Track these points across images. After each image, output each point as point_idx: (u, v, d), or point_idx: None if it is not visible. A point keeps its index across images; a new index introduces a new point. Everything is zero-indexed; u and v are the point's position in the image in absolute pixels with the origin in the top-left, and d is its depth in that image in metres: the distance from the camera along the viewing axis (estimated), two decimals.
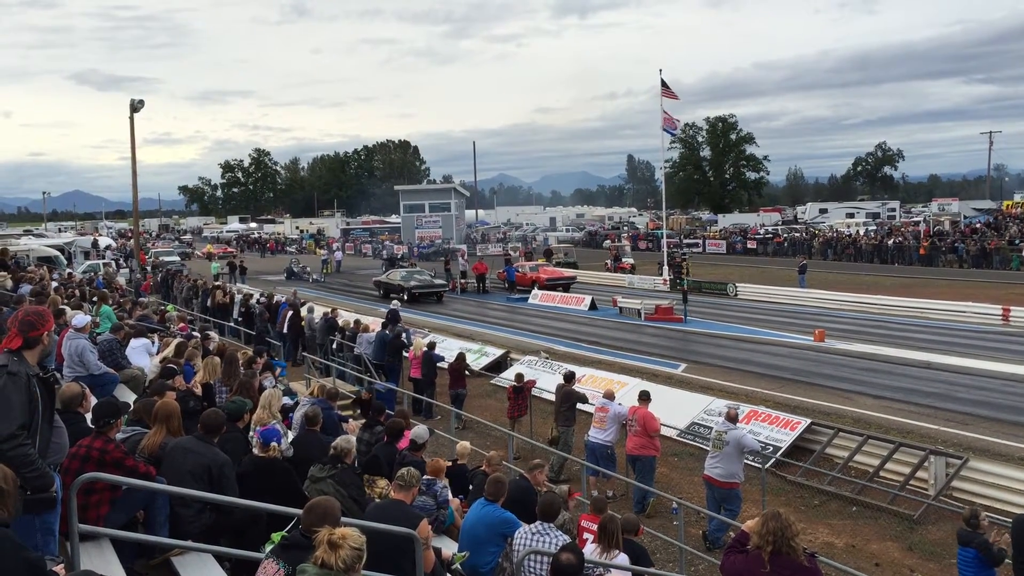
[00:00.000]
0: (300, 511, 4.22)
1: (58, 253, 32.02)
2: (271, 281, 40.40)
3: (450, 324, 25.79)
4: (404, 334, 18.01)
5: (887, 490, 11.15)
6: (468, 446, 9.23)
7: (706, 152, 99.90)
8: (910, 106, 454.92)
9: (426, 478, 6.78)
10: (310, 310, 21.16)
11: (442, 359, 16.54)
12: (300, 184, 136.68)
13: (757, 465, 11.59)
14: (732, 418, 10.21)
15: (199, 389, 8.72)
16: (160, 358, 10.08)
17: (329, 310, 21.19)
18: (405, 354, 16.95)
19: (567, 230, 79.28)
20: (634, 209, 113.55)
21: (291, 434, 8.18)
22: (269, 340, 19.62)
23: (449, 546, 6.57)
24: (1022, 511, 8.72)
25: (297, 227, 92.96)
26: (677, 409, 14.08)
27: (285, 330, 20.32)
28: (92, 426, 5.41)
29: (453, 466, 8.63)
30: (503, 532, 6.14)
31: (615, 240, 57.36)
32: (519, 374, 14.68)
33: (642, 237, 66.55)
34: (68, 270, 26.84)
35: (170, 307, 19.67)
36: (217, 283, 29.83)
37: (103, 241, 52.99)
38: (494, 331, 24.41)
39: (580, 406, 12.83)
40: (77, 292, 16.12)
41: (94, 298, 15.14)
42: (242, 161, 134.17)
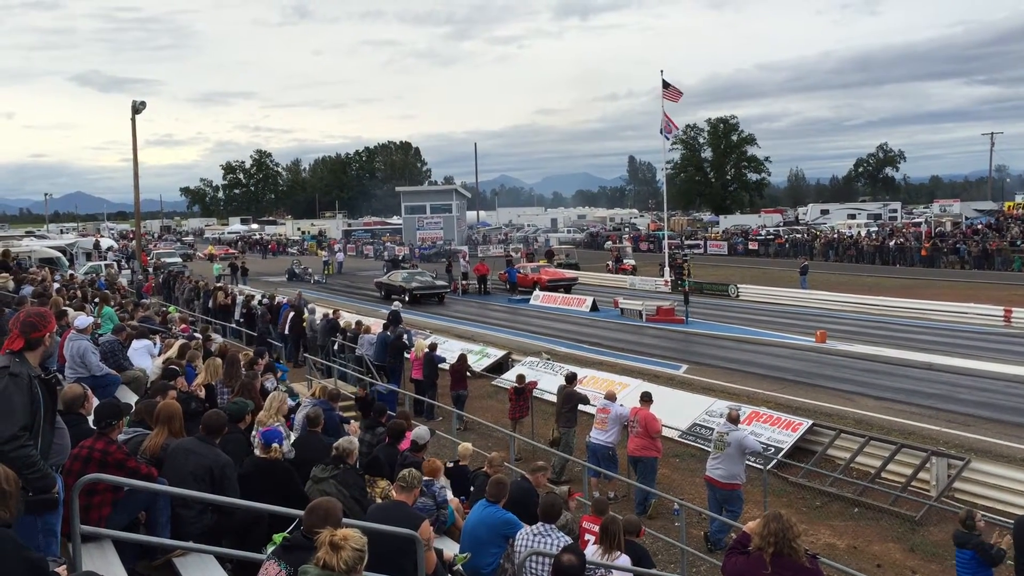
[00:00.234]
0: (302, 512, 4.23)
1: (60, 254, 32.05)
2: (273, 282, 40.38)
3: (451, 325, 25.81)
4: (405, 335, 18.02)
5: (889, 491, 11.14)
6: (470, 447, 9.24)
7: (707, 153, 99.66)
8: (912, 107, 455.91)
9: (424, 479, 6.78)
10: (311, 311, 21.18)
11: (443, 360, 16.54)
12: (302, 185, 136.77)
13: (759, 466, 11.58)
14: (734, 419, 10.20)
15: (202, 391, 8.73)
16: (162, 359, 10.08)
17: (331, 311, 21.20)
18: (406, 355, 16.95)
19: (568, 231, 79.26)
20: (635, 210, 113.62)
21: (292, 435, 8.18)
22: (271, 341, 19.62)
23: (451, 547, 6.57)
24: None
25: (299, 228, 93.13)
26: (678, 410, 14.07)
27: (287, 331, 20.34)
28: (94, 427, 5.42)
29: (455, 467, 8.64)
30: (505, 533, 6.14)
31: (616, 241, 57.43)
32: (520, 375, 14.69)
33: (643, 238, 66.47)
34: (70, 271, 26.87)
35: (172, 308, 19.71)
36: (219, 284, 29.78)
37: (105, 242, 52.88)
38: (495, 332, 24.44)
39: (581, 407, 12.83)
40: (79, 293, 16.14)
41: (96, 299, 15.14)
42: (244, 162, 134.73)
